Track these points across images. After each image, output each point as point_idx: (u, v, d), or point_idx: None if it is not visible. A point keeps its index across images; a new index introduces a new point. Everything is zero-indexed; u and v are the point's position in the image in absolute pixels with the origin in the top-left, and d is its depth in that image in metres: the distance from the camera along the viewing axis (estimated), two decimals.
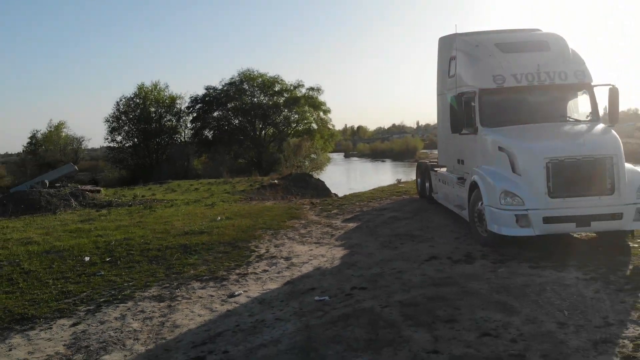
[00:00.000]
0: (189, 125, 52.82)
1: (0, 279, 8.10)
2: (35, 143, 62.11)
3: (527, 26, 15.13)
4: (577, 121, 9.26)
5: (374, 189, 18.12)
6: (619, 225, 7.88)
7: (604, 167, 7.76)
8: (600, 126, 8.76)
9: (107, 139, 52.57)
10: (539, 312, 5.59)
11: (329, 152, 58.40)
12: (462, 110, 9.52)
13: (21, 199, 16.70)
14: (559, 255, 7.86)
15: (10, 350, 5.66)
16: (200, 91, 58.58)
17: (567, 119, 9.37)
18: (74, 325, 6.30)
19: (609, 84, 9.34)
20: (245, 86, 51.65)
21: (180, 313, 6.50)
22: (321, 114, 53.93)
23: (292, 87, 52.01)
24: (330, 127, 55.89)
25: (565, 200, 7.79)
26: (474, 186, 9.04)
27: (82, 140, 64.79)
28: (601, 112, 9.45)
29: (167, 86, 53.36)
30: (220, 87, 51.25)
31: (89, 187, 25.33)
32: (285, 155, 43.01)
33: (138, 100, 52.35)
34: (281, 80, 51.74)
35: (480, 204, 8.71)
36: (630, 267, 7.11)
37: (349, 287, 6.99)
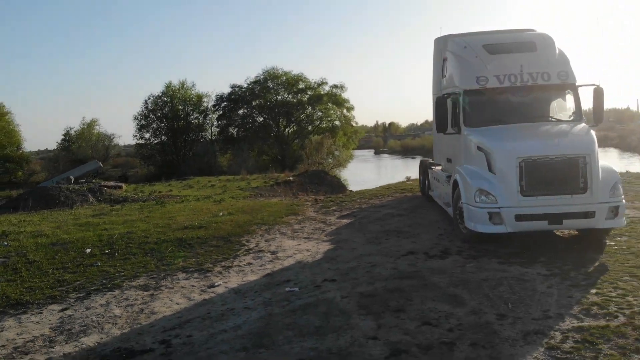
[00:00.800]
0: (214, 122, 53.97)
1: (5, 268, 8.75)
2: (68, 140, 64.22)
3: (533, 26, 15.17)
4: (559, 121, 9.39)
5: (380, 187, 18.40)
6: (592, 224, 8.05)
7: (576, 167, 7.93)
8: (579, 126, 8.90)
9: (136, 136, 54.03)
10: (485, 304, 5.88)
11: (353, 149, 58.74)
12: (445, 111, 9.77)
13: (42, 195, 17.58)
14: (532, 252, 8.07)
15: (1, 331, 6.23)
16: (226, 89, 59.67)
17: (550, 119, 9.51)
18: (62, 310, 6.85)
19: (594, 84, 9.46)
20: (270, 84, 52.38)
21: (160, 301, 6.99)
22: (344, 111, 54.39)
23: (315, 85, 52.52)
24: (354, 124, 56.31)
25: (538, 199, 8.00)
26: (455, 184, 9.31)
27: (113, 138, 66.88)
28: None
29: (193, 84, 54.68)
30: (245, 85, 52.18)
31: (111, 183, 26.32)
32: (307, 153, 43.45)
33: (166, 99, 53.68)
34: (305, 78, 52.32)
35: (460, 201, 8.98)
36: (596, 264, 7.28)
37: (321, 280, 7.38)
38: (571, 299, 5.89)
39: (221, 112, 52.64)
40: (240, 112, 53.15)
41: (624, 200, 8.17)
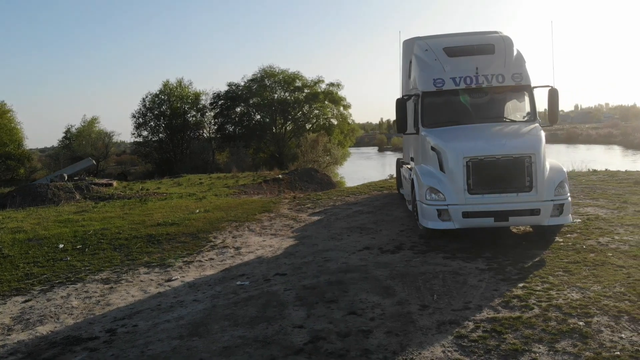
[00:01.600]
0: (212, 120, 54.41)
1: None
2: (69, 137, 64.73)
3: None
4: (513, 122, 9.70)
5: (361, 184, 18.73)
6: (537, 221, 8.37)
7: (522, 166, 8.24)
8: (529, 127, 9.19)
9: (134, 134, 54.53)
10: (413, 296, 6.22)
11: (350, 147, 59.05)
12: (404, 112, 10.09)
13: (30, 192, 17.97)
14: (481, 247, 8.40)
15: None
16: (223, 87, 60.08)
17: (504, 119, 9.81)
18: (25, 301, 7.22)
19: (548, 86, 9.76)
20: (267, 82, 52.75)
21: (117, 294, 7.35)
22: (341, 109, 54.77)
23: (312, 83, 52.88)
24: (350, 122, 56.65)
25: (484, 197, 8.32)
26: (413, 183, 9.65)
27: (112, 135, 67.40)
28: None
29: (190, 83, 55.08)
30: (242, 83, 52.59)
31: (103, 181, 26.69)
32: (302, 150, 43.81)
33: (163, 97, 54.17)
34: (301, 76, 52.67)
35: (416, 199, 9.32)
36: (536, 259, 7.59)
37: (272, 274, 7.73)
38: (496, 292, 6.22)
39: (218, 110, 53.04)
40: (238, 110, 53.64)
41: (569, 198, 8.48)
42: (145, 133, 54.33)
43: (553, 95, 9.67)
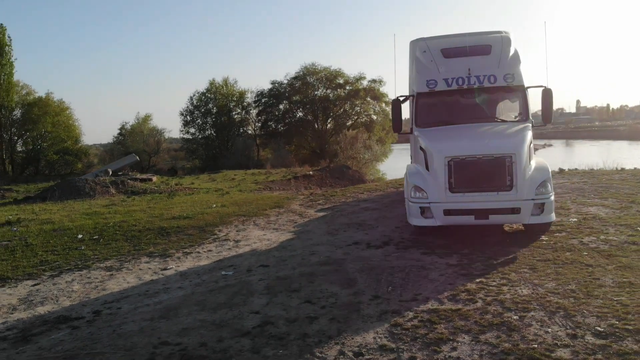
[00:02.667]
0: (255, 118, 55.68)
1: (5, 250, 10.09)
2: (124, 134, 67.63)
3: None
4: (504, 122, 9.80)
5: (381, 181, 19.01)
6: (518, 219, 8.54)
7: (503, 165, 8.41)
8: (517, 127, 9.30)
9: (182, 131, 56.51)
10: (371, 287, 6.59)
11: (393, 143, 58.95)
12: (399, 112, 10.39)
13: (69, 186, 19.23)
14: (463, 244, 8.64)
15: None
16: (267, 85, 61.26)
17: (496, 120, 9.95)
18: (34, 285, 8.02)
19: (542, 86, 9.85)
20: (309, 79, 53.44)
21: (115, 280, 8.05)
22: (383, 105, 54.79)
23: (354, 80, 53.16)
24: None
25: (465, 195, 8.55)
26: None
27: (163, 132, 69.95)
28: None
29: (236, 81, 56.56)
30: (285, 81, 53.51)
31: (143, 176, 28.05)
32: (341, 147, 44.22)
33: (210, 95, 55.87)
34: (343, 73, 53.02)
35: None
36: (510, 256, 7.79)
37: (257, 265, 8.25)
38: (450, 286, 6.51)
39: (261, 107, 54.19)
40: (281, 107, 54.62)
41: (552, 198, 8.59)
42: (192, 130, 56.19)
43: (546, 95, 9.75)
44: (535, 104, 10.62)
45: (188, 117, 55.91)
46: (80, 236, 11.04)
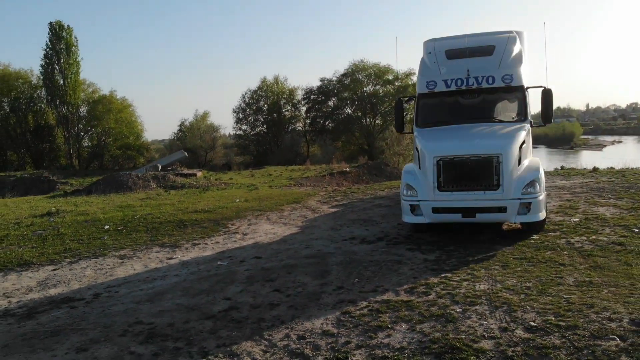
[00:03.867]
0: (304, 115, 56.67)
1: (38, 239, 11.15)
2: (183, 130, 70.32)
3: None
4: (501, 122, 9.88)
5: None
6: (504, 218, 8.71)
7: (490, 165, 8.60)
8: (511, 127, 9.39)
9: (235, 127, 58.28)
10: (340, 279, 7.01)
11: None
12: (401, 112, 10.70)
13: (113, 181, 20.55)
14: (452, 241, 8.92)
15: (4, 281, 8.40)
16: (316, 83, 62.03)
17: (493, 120, 10.05)
18: (53, 270, 8.93)
19: (542, 87, 9.91)
20: (358, 76, 53.75)
21: (124, 267, 8.84)
22: None
23: (403, 76, 52.97)
24: None
25: (452, 194, 8.79)
26: None
27: (218, 128, 72.24)
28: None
29: (286, 79, 57.70)
30: (334, 78, 54.07)
31: (189, 171, 29.35)
32: (387, 144, 44.34)
33: (261, 93, 57.29)
34: (392, 69, 52.97)
35: None
36: (490, 253, 7.99)
37: (251, 257, 8.83)
38: (414, 279, 6.83)
39: (310, 104, 55.04)
40: (330, 103, 55.26)
41: (540, 197, 8.68)
42: (244, 127, 57.81)
43: (546, 95, 9.80)
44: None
45: (240, 114, 57.57)
46: (107, 227, 12.00)
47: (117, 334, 5.69)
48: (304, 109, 56.55)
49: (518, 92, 9.91)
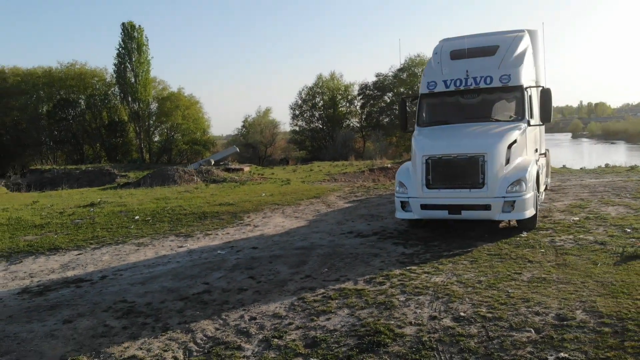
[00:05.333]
0: (359, 110, 57.09)
1: (74, 227, 12.36)
2: (246, 126, 72.58)
3: None
4: (498, 122, 10.00)
5: None
6: (489, 215, 8.93)
7: (476, 164, 8.86)
8: (505, 127, 9.52)
9: (291, 123, 59.62)
10: (313, 268, 7.56)
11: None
12: (405, 112, 11.05)
13: (161, 175, 21.93)
14: (440, 237, 9.26)
15: (33, 263, 9.53)
16: (371, 78, 62.11)
17: (490, 119, 10.19)
18: (77, 254, 9.98)
19: (541, 86, 10.00)
20: (415, 70, 53.49)
21: (137, 254, 9.76)
22: None
23: None
24: None
25: (440, 191, 9.11)
26: None
27: (278, 124, 73.96)
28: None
29: (342, 75, 58.28)
30: (390, 73, 54.15)
31: (237, 166, 30.58)
32: None
33: (317, 89, 58.26)
34: None
35: None
36: (468, 249, 8.28)
37: (249, 247, 9.52)
38: (379, 271, 7.25)
39: (365, 100, 55.41)
40: (386, 98, 55.38)
41: (526, 196, 8.83)
42: (300, 123, 59.01)
43: (545, 95, 9.88)
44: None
45: (297, 110, 58.78)
46: (136, 217, 13.08)
47: (101, 309, 6.52)
48: (359, 104, 57.00)
49: (517, 92, 10.02)
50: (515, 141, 9.23)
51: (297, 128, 59.62)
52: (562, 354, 4.55)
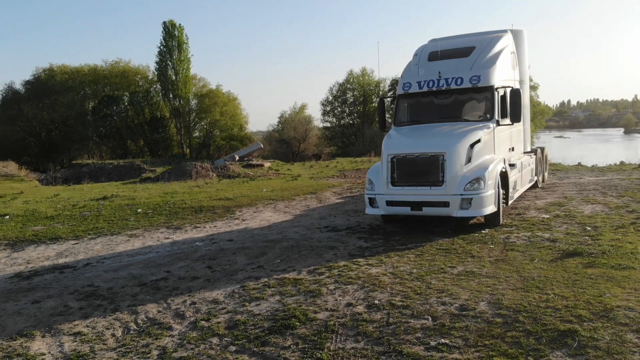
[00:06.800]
0: (391, 106, 57.13)
1: (80, 218, 13.31)
2: (281, 122, 73.74)
3: None
4: (467, 121, 10.28)
5: None
6: (447, 212, 9.29)
7: (437, 163, 9.24)
8: (469, 126, 9.84)
9: (322, 119, 60.27)
10: (268, 260, 8.12)
11: (543, 128, 56.22)
12: (383, 111, 11.47)
13: (179, 170, 22.94)
14: (409, 233, 9.69)
15: (33, 251, 10.44)
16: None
17: (460, 119, 10.46)
18: (74, 244, 10.85)
19: (509, 87, 10.25)
20: None
21: (126, 244, 10.54)
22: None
23: None
24: (536, 103, 54.09)
25: (404, 189, 9.53)
26: None
27: (312, 120, 74.75)
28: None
29: (372, 71, 58.40)
30: None
31: (258, 162, 31.38)
32: None
33: (348, 85, 58.68)
34: None
35: None
36: (423, 244, 8.68)
37: (226, 239, 10.17)
38: (326, 262, 7.76)
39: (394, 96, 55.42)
40: None
41: (483, 194, 9.13)
42: (331, 119, 59.60)
43: (514, 95, 10.13)
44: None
45: (328, 107, 59.36)
46: (139, 210, 13.94)
47: (68, 292, 7.28)
48: (389, 100, 57.02)
49: (487, 93, 10.28)
50: (478, 140, 9.53)
51: (328, 124, 60.18)
52: (444, 340, 4.97)
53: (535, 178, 13.57)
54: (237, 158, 33.91)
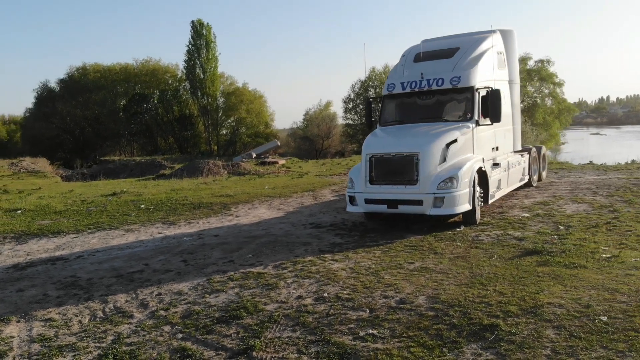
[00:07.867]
0: None
1: (86, 214, 13.97)
2: (306, 119, 74.27)
3: None
4: (446, 122, 10.47)
5: None
6: (421, 210, 9.54)
7: (412, 162, 9.50)
8: (446, 127, 10.05)
9: (343, 117, 60.55)
10: (241, 255, 8.51)
11: (566, 127, 55.29)
12: (370, 111, 11.75)
13: (192, 167, 23.57)
14: (385, 229, 9.98)
15: (35, 244, 11.08)
16: None
17: (440, 120, 10.65)
18: (74, 238, 11.47)
19: (489, 87, 10.42)
20: None
21: (120, 238, 11.08)
22: (551, 86, 51.65)
23: (519, 60, 50.80)
24: (561, 100, 53.12)
25: (381, 187, 9.82)
26: None
27: (335, 117, 74.97)
28: None
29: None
30: None
31: (272, 159, 31.88)
32: None
33: (370, 82, 58.68)
34: None
35: None
36: (394, 241, 8.96)
37: (213, 235, 10.62)
38: (294, 258, 8.12)
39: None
40: None
41: (455, 193, 9.34)
42: (353, 116, 59.75)
43: (493, 95, 10.30)
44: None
45: (350, 104, 59.53)
46: (142, 206, 14.54)
47: (51, 282, 7.82)
48: None
49: (467, 93, 10.47)
50: (455, 140, 9.74)
51: (350, 121, 60.34)
52: (372, 331, 5.29)
53: (527, 177, 13.63)
54: (254, 155, 34.50)
